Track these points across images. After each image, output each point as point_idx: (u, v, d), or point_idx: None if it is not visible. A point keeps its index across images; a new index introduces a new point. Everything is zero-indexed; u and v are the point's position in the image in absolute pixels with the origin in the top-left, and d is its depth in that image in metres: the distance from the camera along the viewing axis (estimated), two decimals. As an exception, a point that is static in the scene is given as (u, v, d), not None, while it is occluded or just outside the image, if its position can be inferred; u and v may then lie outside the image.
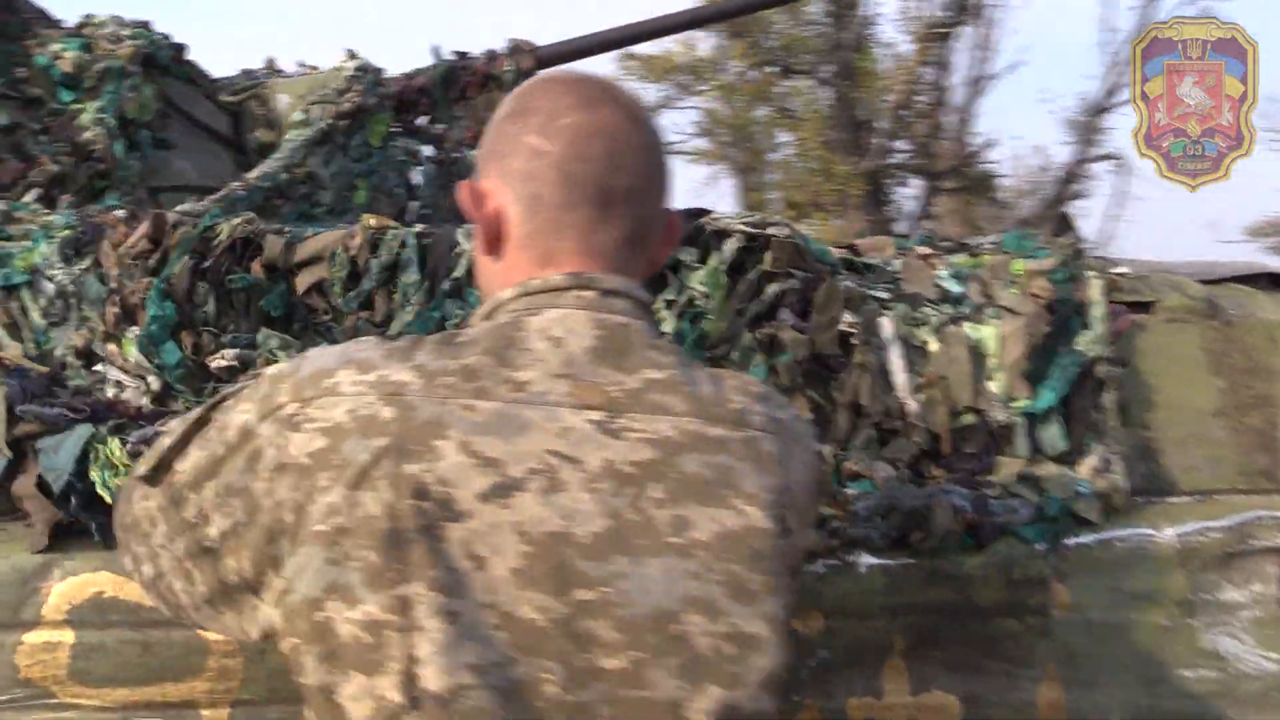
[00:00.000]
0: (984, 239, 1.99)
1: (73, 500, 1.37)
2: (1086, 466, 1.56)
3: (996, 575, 1.50)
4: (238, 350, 1.46)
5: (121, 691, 1.38)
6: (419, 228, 1.55)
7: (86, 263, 1.53)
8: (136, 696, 1.38)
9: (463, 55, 2.72)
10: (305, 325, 1.53)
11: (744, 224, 1.57)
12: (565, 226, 1.01)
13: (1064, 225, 1.90)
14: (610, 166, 1.01)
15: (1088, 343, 1.64)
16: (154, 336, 1.43)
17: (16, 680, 1.37)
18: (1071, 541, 1.52)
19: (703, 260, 1.56)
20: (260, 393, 0.98)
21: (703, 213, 1.58)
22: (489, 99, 2.71)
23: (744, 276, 1.57)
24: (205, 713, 1.39)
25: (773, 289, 1.57)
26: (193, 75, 2.40)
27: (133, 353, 1.44)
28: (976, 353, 1.65)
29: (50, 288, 1.50)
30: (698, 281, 1.54)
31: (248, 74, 2.48)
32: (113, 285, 1.47)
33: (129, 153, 1.97)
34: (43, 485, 1.39)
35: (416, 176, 2.60)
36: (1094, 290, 1.72)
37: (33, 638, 1.37)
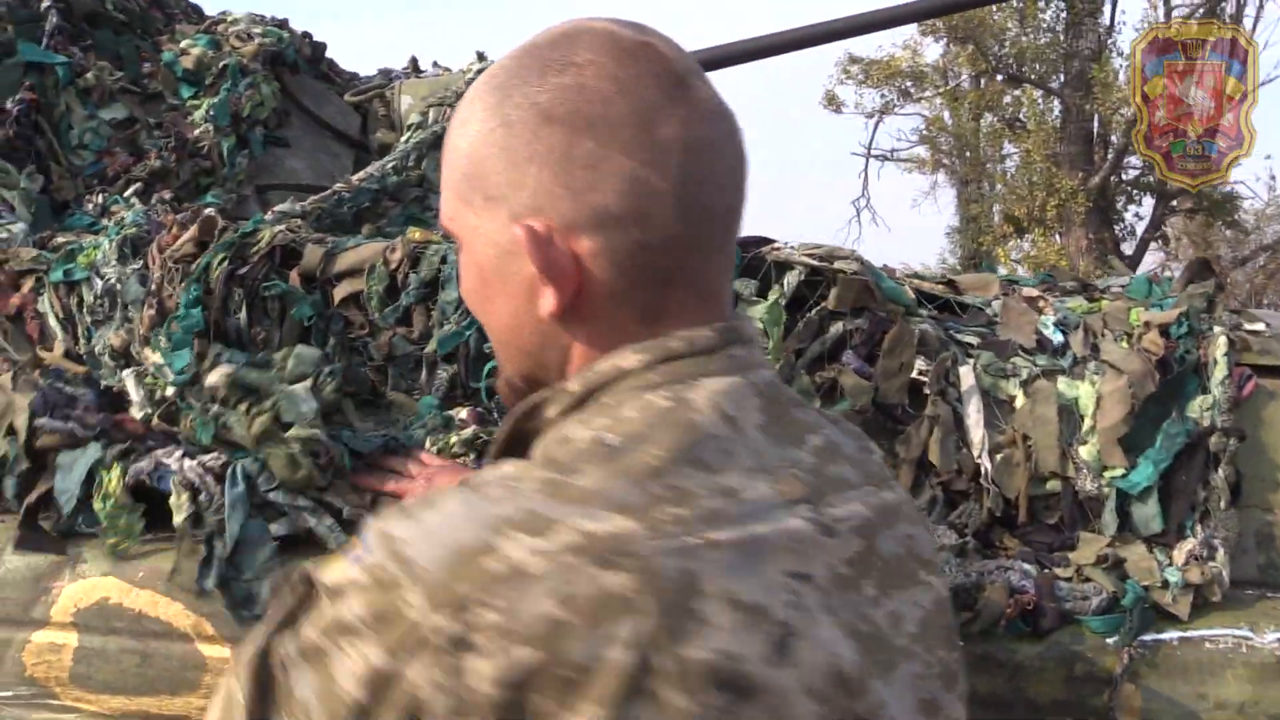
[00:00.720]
0: (1114, 281, 1.70)
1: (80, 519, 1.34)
2: (1182, 551, 1.30)
3: (1055, 668, 1.28)
4: (233, 368, 1.38)
5: (119, 700, 1.34)
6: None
7: (139, 263, 1.49)
8: (133, 706, 1.34)
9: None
10: (339, 339, 1.43)
11: (809, 255, 1.37)
12: (679, 270, 0.76)
13: (1204, 271, 1.58)
14: (723, 184, 0.77)
15: (1202, 409, 1.36)
16: (176, 341, 1.36)
17: (22, 678, 1.35)
18: (1150, 638, 1.27)
19: (762, 294, 1.37)
20: (359, 611, 0.66)
21: (765, 241, 1.40)
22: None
23: (806, 314, 1.37)
24: (200, 726, 1.32)
25: (836, 328, 1.38)
26: (329, 73, 2.38)
27: (156, 357, 1.38)
28: (1069, 412, 1.39)
29: (99, 285, 1.46)
30: (756, 317, 1.35)
31: (384, 73, 2.44)
32: (152, 287, 1.42)
33: (239, 150, 1.94)
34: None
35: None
36: (1217, 348, 1.43)
37: (40, 637, 1.35)
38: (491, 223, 0.76)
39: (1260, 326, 1.48)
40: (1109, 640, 1.24)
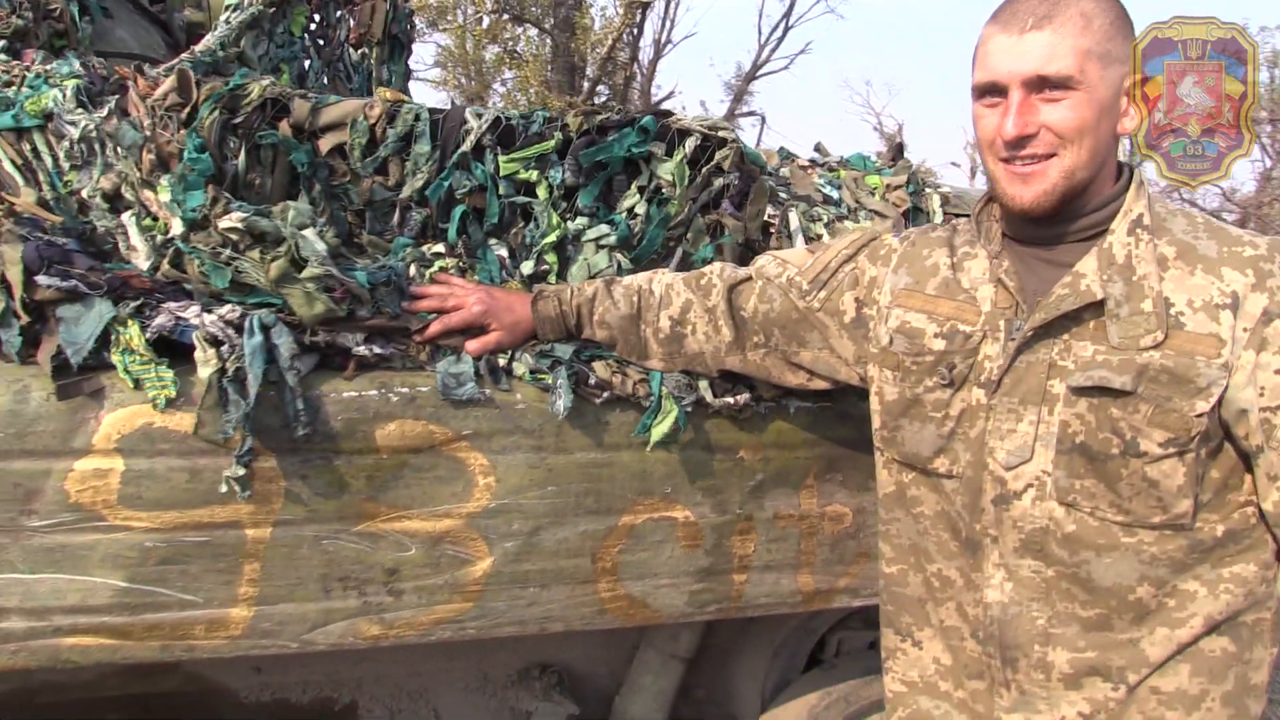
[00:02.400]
0: (832, 158, 2.22)
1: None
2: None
3: (885, 417, 1.73)
4: (246, 214, 1.40)
5: (171, 514, 1.36)
6: (432, 104, 1.55)
7: (104, 111, 1.42)
8: (185, 519, 1.36)
9: (348, -38, 2.64)
10: (324, 186, 1.49)
11: (701, 125, 1.68)
12: None
13: (898, 152, 2.15)
14: None
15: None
16: (189, 182, 1.36)
17: (66, 505, 1.31)
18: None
19: (669, 154, 1.67)
20: None
21: (668, 114, 1.68)
22: (372, 6, 2.66)
23: (699, 171, 1.69)
24: (249, 532, 1.39)
25: (719, 182, 1.71)
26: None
27: (164, 197, 1.36)
28: (858, 245, 1.87)
29: (74, 132, 1.38)
30: (665, 171, 1.65)
31: None
32: (147, 134, 1.38)
33: (81, 17, 1.79)
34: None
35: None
36: (934, 202, 1.99)
37: (83, 465, 1.31)
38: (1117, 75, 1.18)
39: (947, 189, 2.08)
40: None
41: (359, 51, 2.76)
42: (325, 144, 1.49)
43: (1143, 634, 1.20)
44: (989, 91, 1.20)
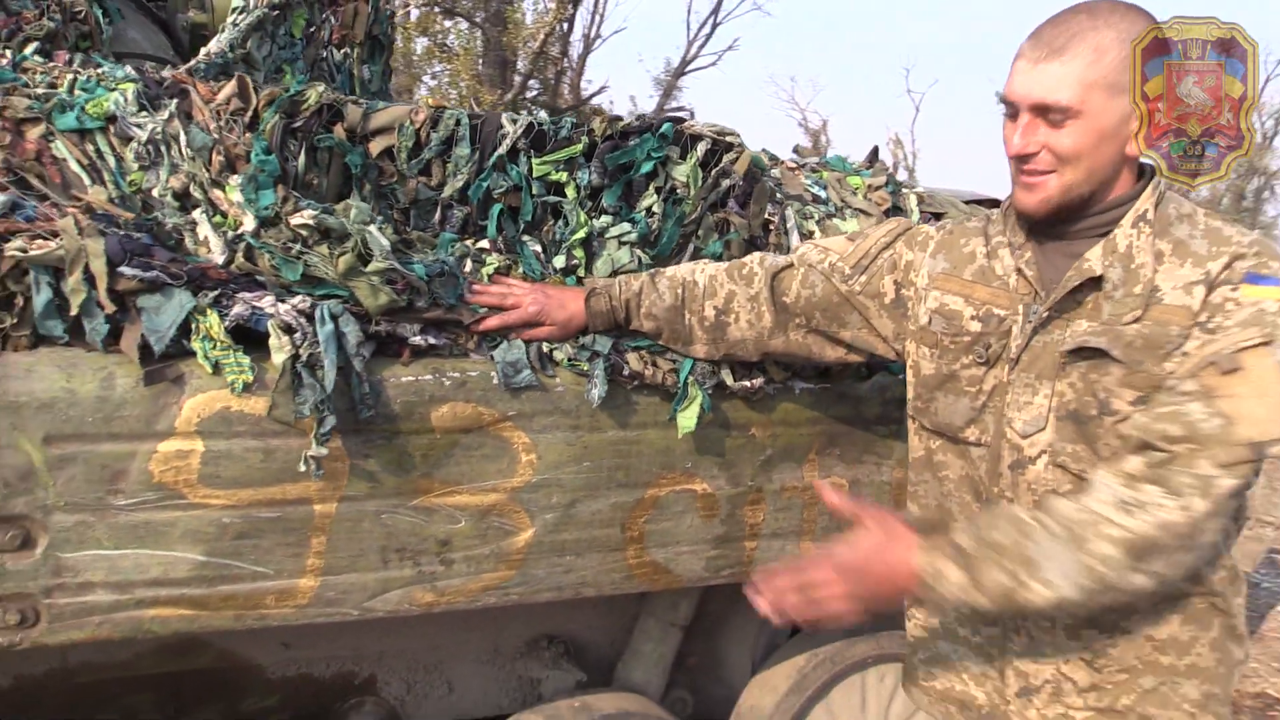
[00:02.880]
0: (812, 160, 2.38)
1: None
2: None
3: (876, 396, 1.90)
4: (315, 212, 1.49)
5: (246, 492, 1.44)
6: (470, 110, 1.66)
7: (164, 114, 1.50)
8: (259, 496, 1.45)
9: (332, -36, 2.71)
10: (374, 186, 1.59)
11: (711, 131, 1.83)
12: None
13: (875, 155, 2.32)
14: None
15: (918, 237, 2.08)
16: (260, 182, 1.45)
17: (150, 485, 1.40)
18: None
19: (683, 157, 1.80)
20: None
21: (682, 120, 1.82)
22: (354, 7, 2.73)
23: (709, 172, 1.83)
24: (317, 508, 1.49)
25: (726, 183, 1.85)
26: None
27: (236, 196, 1.45)
28: (847, 241, 2.04)
29: (142, 134, 1.46)
30: (680, 174, 1.79)
31: None
32: (215, 137, 1.46)
33: (103, 19, 1.85)
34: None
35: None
36: (911, 201, 2.16)
37: (166, 447, 1.39)
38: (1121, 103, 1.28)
39: (921, 189, 2.25)
40: (900, 375, 1.93)
41: (341, 51, 2.83)
42: (375, 147, 1.59)
43: None
44: (1008, 105, 1.33)
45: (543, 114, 1.67)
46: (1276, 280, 1.24)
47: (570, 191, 1.72)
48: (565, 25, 17.43)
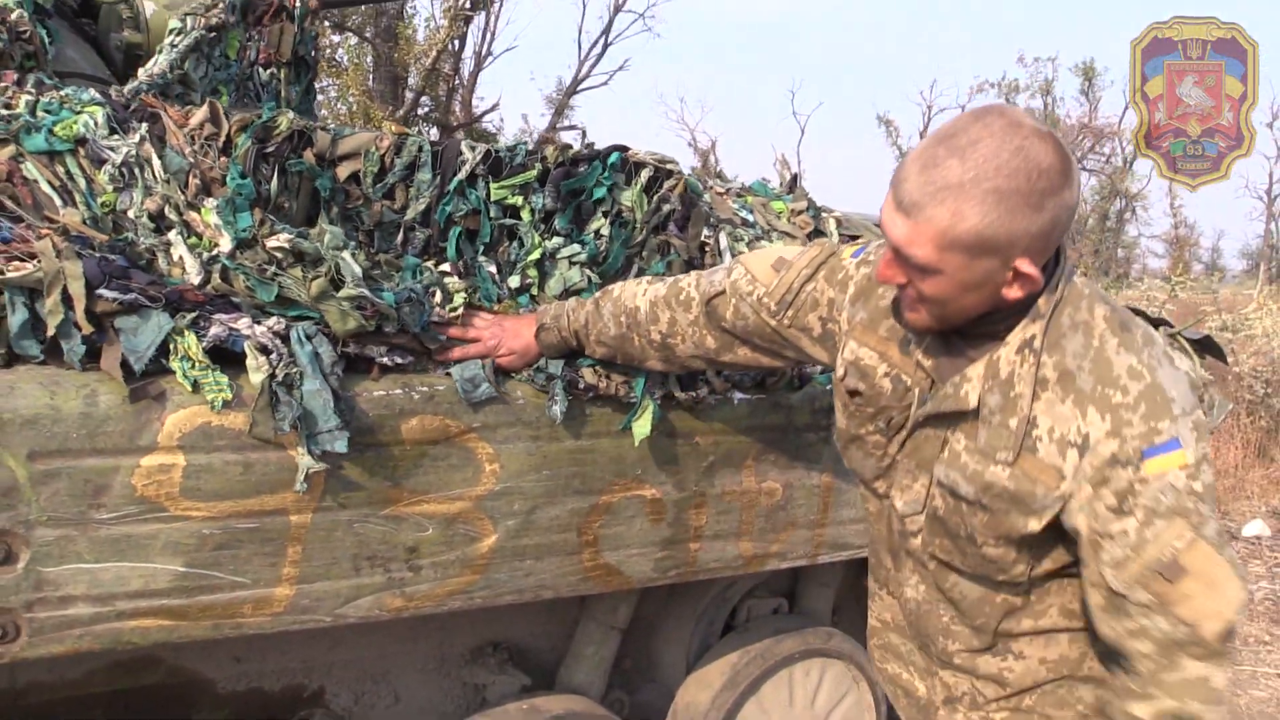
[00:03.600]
0: (735, 184, 2.54)
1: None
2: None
3: (807, 406, 2.05)
4: (291, 235, 1.56)
5: (226, 504, 1.50)
6: (433, 137, 1.74)
7: (135, 137, 1.55)
8: (238, 507, 1.51)
9: (259, -14, 2.75)
10: (341, 208, 1.67)
11: (653, 159, 1.96)
12: None
13: (795, 182, 2.49)
14: None
15: (841, 259, 2.25)
16: (238, 205, 1.51)
17: (132, 498, 1.44)
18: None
19: (628, 183, 1.93)
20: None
21: (625, 148, 1.94)
22: (280, 28, 2.78)
23: (652, 197, 1.96)
24: (293, 518, 1.55)
25: (667, 208, 1.98)
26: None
27: (212, 218, 1.51)
28: (774, 262, 2.19)
29: (115, 157, 1.50)
30: (626, 199, 1.91)
31: None
32: (190, 161, 1.52)
33: (47, 39, 1.87)
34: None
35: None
36: (831, 224, 2.34)
37: (149, 461, 1.44)
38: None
39: (839, 214, 2.43)
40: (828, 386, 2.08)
41: (268, 71, 2.87)
42: (343, 171, 1.66)
43: (1013, 624, 1.39)
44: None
45: (500, 144, 1.77)
46: (1172, 444, 1.20)
47: (525, 215, 1.82)
48: (457, 42, 17.45)
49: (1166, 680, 1.24)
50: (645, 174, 1.95)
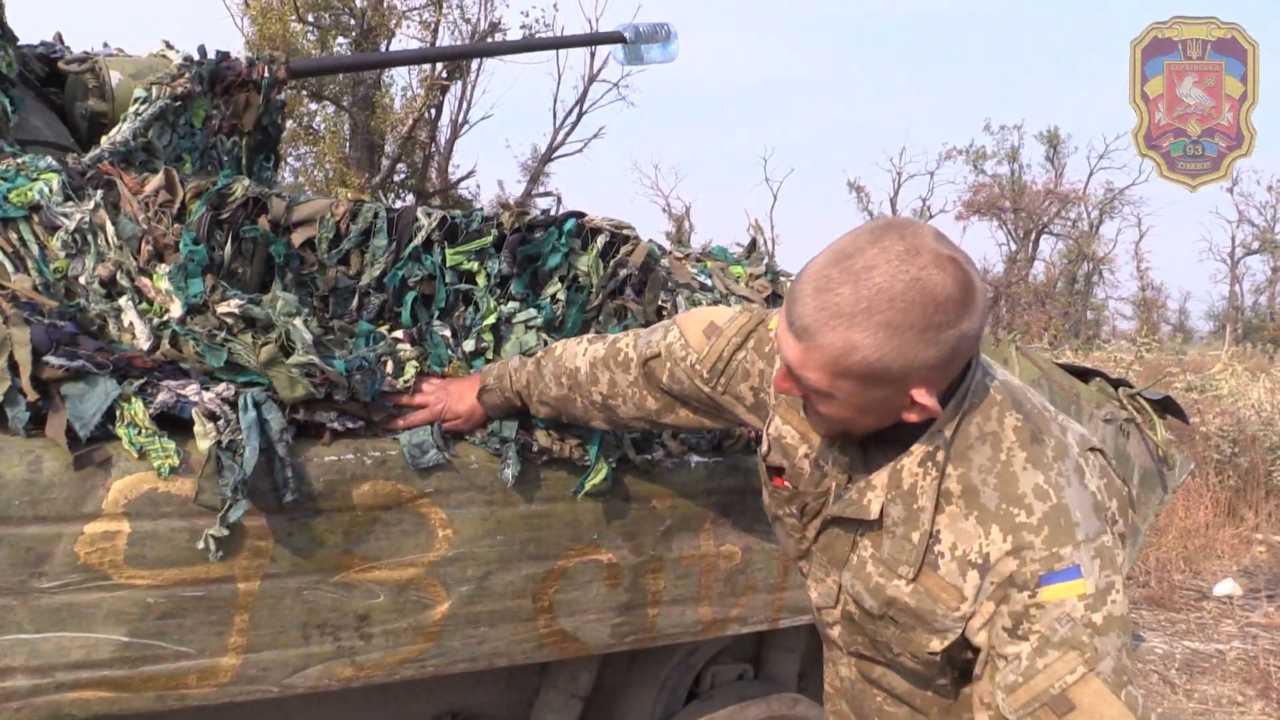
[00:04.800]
0: (695, 249, 2.58)
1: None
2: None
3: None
4: (242, 301, 1.57)
5: (171, 571, 1.48)
6: (388, 204, 1.77)
7: (90, 204, 1.56)
8: (184, 575, 1.49)
9: (225, 56, 2.79)
10: (296, 275, 1.68)
11: (610, 225, 1.99)
12: None
13: (753, 246, 2.53)
14: None
15: (798, 322, 2.28)
16: (190, 271, 1.52)
17: (75, 566, 1.42)
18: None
19: (584, 248, 1.95)
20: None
21: (583, 215, 1.97)
22: (246, 97, 2.82)
23: (608, 262, 1.99)
24: (240, 585, 1.53)
25: (624, 273, 2.01)
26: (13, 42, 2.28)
27: (164, 285, 1.51)
28: (732, 326, 2.22)
29: (69, 223, 1.51)
30: (582, 264, 1.93)
31: (85, 53, 2.41)
32: (144, 227, 1.53)
33: (9, 107, 1.89)
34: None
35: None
36: (788, 288, 2.36)
37: (93, 528, 1.42)
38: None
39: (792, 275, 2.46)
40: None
41: (231, 140, 2.90)
42: (298, 237, 1.67)
43: (950, 703, 1.37)
44: None
45: (456, 211, 1.79)
46: (1072, 571, 1.18)
47: (481, 280, 1.84)
48: (433, 111, 17.70)
49: None
50: (601, 239, 1.98)
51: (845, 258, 1.14)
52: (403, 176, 17.00)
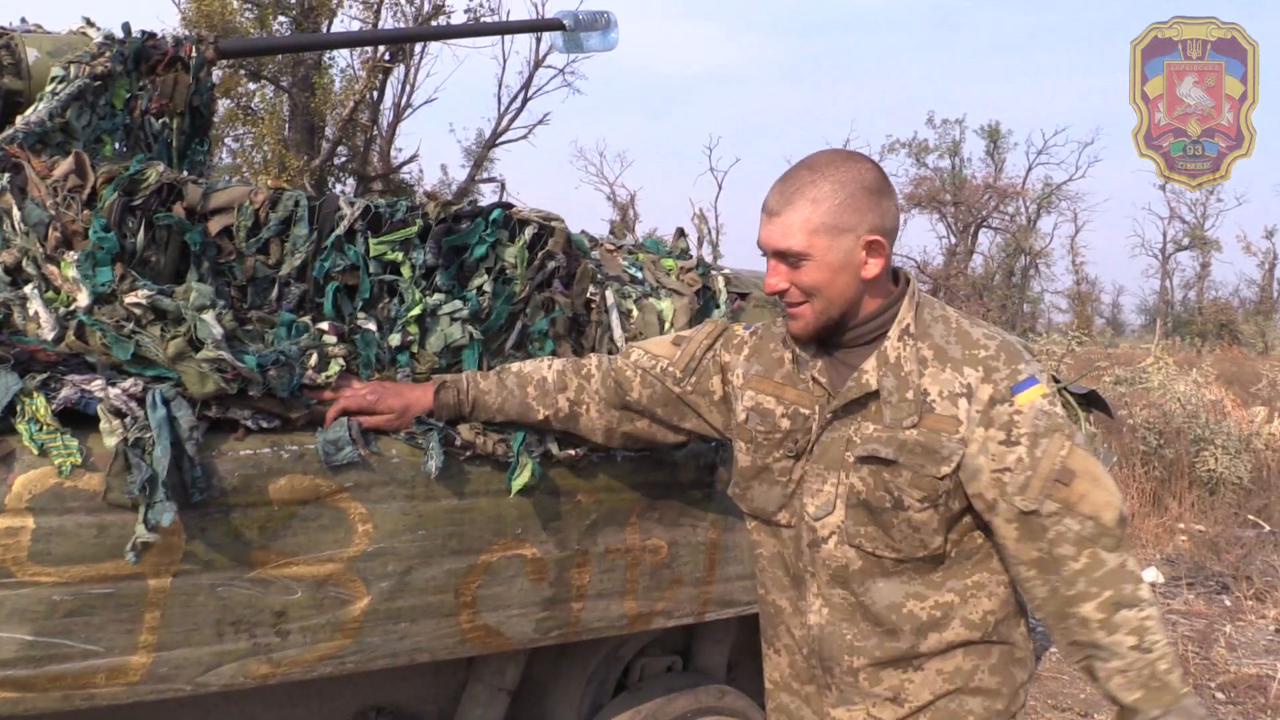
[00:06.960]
0: (628, 241, 2.57)
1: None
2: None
3: (692, 462, 2.07)
4: (151, 291, 1.52)
5: (78, 568, 1.44)
6: (310, 192, 1.73)
7: (-4, 191, 1.51)
8: (92, 572, 1.45)
9: (151, 35, 2.72)
10: (212, 264, 1.64)
11: (538, 216, 1.97)
12: None
13: (680, 234, 2.52)
14: None
15: (720, 315, 2.28)
16: (98, 259, 1.47)
17: (-26, 563, 1.37)
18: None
19: (511, 240, 1.94)
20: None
21: (510, 206, 1.95)
22: (174, 77, 2.75)
23: (535, 254, 1.97)
24: (151, 582, 1.50)
25: (551, 265, 2.00)
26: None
27: (71, 272, 1.47)
28: (661, 319, 2.22)
29: (-30, 209, 1.46)
30: (509, 255, 1.92)
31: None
32: (52, 213, 1.48)
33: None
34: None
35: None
36: (719, 282, 2.37)
37: (-6, 523, 1.38)
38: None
39: (728, 271, 2.47)
40: (711, 444, 2.10)
41: (160, 121, 2.82)
42: (214, 225, 1.64)
43: (919, 639, 1.55)
44: (761, 250, 1.57)
45: (379, 199, 1.76)
46: (1031, 380, 1.51)
47: (405, 271, 1.82)
48: (375, 93, 17.44)
49: (1096, 576, 1.46)
50: (529, 230, 1.96)
51: (799, 163, 1.54)
52: (344, 160, 16.72)
